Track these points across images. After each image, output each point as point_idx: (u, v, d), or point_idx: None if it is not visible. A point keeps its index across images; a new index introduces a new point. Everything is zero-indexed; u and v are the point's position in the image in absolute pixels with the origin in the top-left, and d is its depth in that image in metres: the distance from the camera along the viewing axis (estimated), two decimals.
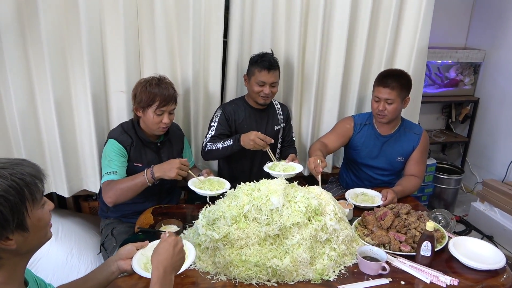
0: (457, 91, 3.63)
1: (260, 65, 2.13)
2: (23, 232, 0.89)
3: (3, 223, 0.84)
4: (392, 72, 2.16)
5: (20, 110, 2.01)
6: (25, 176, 0.89)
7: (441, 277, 1.45)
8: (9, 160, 0.91)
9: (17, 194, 0.86)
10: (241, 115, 2.25)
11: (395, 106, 2.09)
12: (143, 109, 1.89)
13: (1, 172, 0.86)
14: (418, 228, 1.63)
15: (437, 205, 3.43)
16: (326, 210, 1.54)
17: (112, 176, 1.85)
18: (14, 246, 0.88)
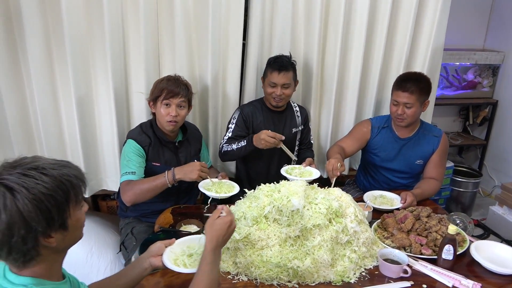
0: (475, 93, 3.59)
1: (272, 66, 2.15)
2: (63, 231, 0.93)
3: (49, 221, 0.89)
4: (411, 75, 2.13)
5: (43, 108, 2.06)
6: (71, 178, 0.93)
7: (463, 280, 1.44)
8: (57, 161, 0.95)
9: (63, 195, 0.90)
10: (259, 117, 2.26)
11: (414, 110, 2.07)
12: (154, 102, 1.94)
13: (50, 172, 0.90)
14: (439, 231, 1.61)
15: (454, 208, 3.39)
16: (347, 212, 1.54)
17: (130, 176, 1.87)
18: (54, 244, 0.92)
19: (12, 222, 0.85)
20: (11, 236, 0.85)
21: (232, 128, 2.23)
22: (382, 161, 2.25)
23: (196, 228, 1.72)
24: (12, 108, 2.02)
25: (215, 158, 2.54)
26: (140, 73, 2.16)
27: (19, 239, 0.86)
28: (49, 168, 0.91)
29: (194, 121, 2.36)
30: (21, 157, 0.94)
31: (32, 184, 0.87)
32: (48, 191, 0.88)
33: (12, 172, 0.88)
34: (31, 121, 2.09)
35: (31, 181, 0.87)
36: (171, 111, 1.92)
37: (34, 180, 0.87)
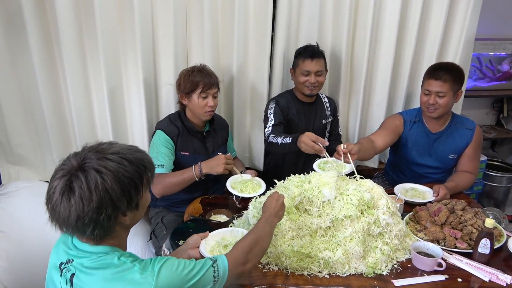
0: (510, 84, 3.44)
1: (303, 55, 2.15)
2: (136, 210, 1.04)
3: (129, 201, 0.99)
4: (444, 65, 2.07)
5: (76, 100, 2.11)
6: (145, 162, 1.03)
7: (500, 275, 1.39)
8: (130, 147, 1.04)
9: (140, 178, 1.01)
10: (292, 108, 2.25)
11: (447, 100, 2.01)
12: (188, 95, 1.96)
13: (128, 157, 0.99)
14: (474, 225, 1.57)
15: (486, 203, 3.28)
16: (379, 204, 1.52)
17: (159, 170, 1.92)
18: (128, 222, 1.04)
19: (102, 201, 0.94)
20: (100, 214, 0.95)
21: (271, 115, 2.19)
22: (414, 157, 2.19)
23: (225, 217, 1.74)
24: (48, 101, 2.09)
25: (242, 149, 2.55)
26: (169, 65, 2.18)
27: (105, 217, 0.96)
28: (127, 153, 1.00)
29: (219, 111, 2.38)
30: (99, 143, 1.03)
31: (116, 167, 0.96)
32: (129, 173, 0.98)
33: (96, 156, 0.97)
34: (65, 110, 2.16)
35: (114, 165, 0.96)
36: (209, 102, 1.96)
37: (117, 164, 0.97)
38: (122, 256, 1.01)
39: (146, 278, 0.96)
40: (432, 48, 2.50)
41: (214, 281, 1.08)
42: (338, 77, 2.48)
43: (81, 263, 1.00)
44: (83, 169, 0.95)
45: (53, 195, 0.96)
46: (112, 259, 1.00)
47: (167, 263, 1.02)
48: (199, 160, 2.04)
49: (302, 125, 2.28)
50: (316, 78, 2.15)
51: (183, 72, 2.00)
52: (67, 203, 0.94)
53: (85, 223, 0.95)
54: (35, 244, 1.95)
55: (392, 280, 1.37)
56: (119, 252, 1.03)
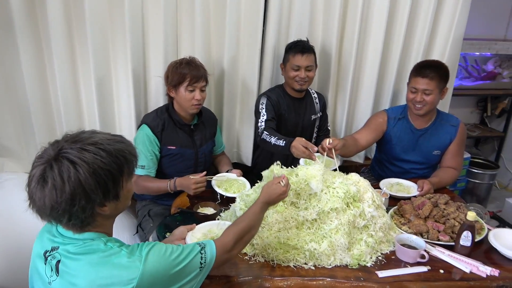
0: (495, 84, 3.52)
1: (294, 50, 2.16)
2: (116, 201, 1.02)
3: (105, 193, 0.98)
4: (430, 62, 2.11)
5: (63, 88, 2.08)
6: (126, 153, 1.01)
7: (481, 267, 1.43)
8: (112, 137, 1.02)
9: (118, 169, 0.99)
10: (283, 104, 2.26)
11: (433, 97, 2.04)
12: (175, 87, 1.95)
13: (107, 147, 0.97)
14: (457, 218, 1.61)
15: (469, 200, 3.36)
16: (364, 197, 1.55)
17: (139, 171, 1.93)
18: (107, 212, 1.02)
19: (74, 192, 0.93)
20: (73, 205, 0.94)
21: (263, 111, 2.19)
22: (399, 153, 2.22)
23: (213, 210, 1.74)
24: (33, 87, 2.04)
25: (231, 144, 2.55)
26: (158, 57, 2.17)
27: (79, 208, 0.95)
28: (106, 144, 0.98)
29: (209, 105, 2.37)
30: (80, 131, 1.02)
31: (92, 159, 0.94)
32: (106, 165, 0.96)
33: (73, 147, 0.95)
34: (51, 100, 2.12)
35: (90, 156, 0.95)
36: (196, 95, 1.94)
37: (93, 155, 0.95)
38: (108, 242, 1.02)
39: (133, 262, 0.97)
40: (419, 46, 2.54)
41: (201, 267, 1.09)
42: (327, 73, 2.50)
43: (66, 249, 1.00)
44: (58, 159, 0.94)
45: (31, 182, 0.96)
46: (98, 244, 1.00)
47: (155, 248, 1.02)
48: (187, 154, 2.05)
49: (292, 120, 2.30)
50: (306, 73, 2.16)
51: (172, 64, 1.98)
52: (41, 193, 0.94)
53: (60, 213, 0.95)
54: (21, 236, 1.92)
55: (376, 271, 1.40)
56: (105, 238, 1.03)
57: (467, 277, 1.40)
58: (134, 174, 1.09)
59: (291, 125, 2.31)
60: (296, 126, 2.33)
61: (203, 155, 2.11)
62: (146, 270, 0.97)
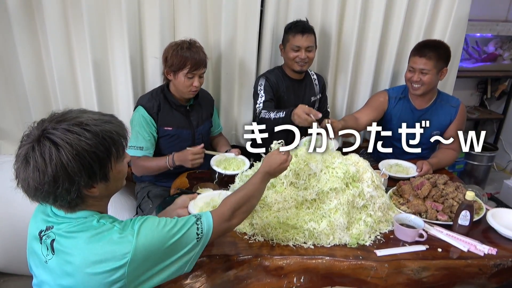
0: (495, 66, 3.49)
1: (294, 30, 2.13)
2: (105, 182, 1.00)
3: (91, 175, 0.95)
4: (430, 42, 2.09)
5: (59, 71, 2.06)
6: (113, 134, 0.98)
7: (479, 246, 1.44)
8: (100, 117, 0.99)
9: (105, 151, 0.96)
10: (282, 85, 2.24)
11: (430, 77, 2.03)
12: (174, 72, 1.91)
13: (93, 128, 0.94)
14: (456, 198, 1.61)
15: (467, 182, 3.37)
16: (364, 177, 1.55)
17: (138, 152, 1.93)
18: (96, 193, 1.00)
19: (57, 175, 0.91)
20: (56, 187, 0.92)
21: (262, 92, 2.16)
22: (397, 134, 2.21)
23: (212, 191, 1.74)
24: (29, 70, 2.03)
25: (230, 127, 2.54)
26: (155, 38, 2.14)
27: (63, 190, 0.93)
28: (92, 124, 0.95)
29: (206, 87, 2.35)
30: (67, 111, 0.99)
31: (76, 140, 0.91)
32: (91, 147, 0.93)
33: (57, 127, 0.93)
34: (47, 82, 2.11)
35: (74, 137, 0.92)
36: (195, 82, 1.91)
37: (77, 137, 0.92)
38: (101, 219, 1.01)
39: (126, 237, 0.96)
40: (420, 26, 2.50)
41: (198, 238, 1.07)
42: (327, 54, 2.47)
43: (60, 228, 1.00)
44: (41, 140, 0.91)
45: (16, 162, 0.95)
46: (91, 221, 1.00)
47: (147, 221, 1.02)
48: (183, 134, 2.04)
49: (291, 102, 2.28)
50: (306, 53, 2.14)
51: (172, 46, 1.90)
52: (24, 173, 0.92)
53: (44, 194, 0.93)
54: (19, 219, 1.93)
55: (374, 250, 1.41)
56: (98, 215, 1.02)
57: (464, 256, 1.41)
58: (126, 153, 1.07)
59: (291, 107, 2.28)
60: None
61: (200, 136, 2.10)
62: (139, 244, 0.96)
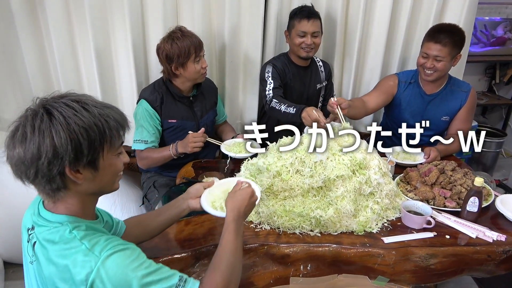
0: (504, 50, 3.43)
1: (299, 15, 2.09)
2: (93, 171, 0.94)
3: (78, 155, 0.89)
4: (446, 27, 2.02)
5: (62, 60, 2.05)
6: (110, 119, 0.93)
7: (487, 232, 1.43)
8: (102, 102, 0.96)
9: (98, 133, 0.91)
10: (288, 72, 2.22)
11: (444, 64, 1.98)
12: (183, 65, 1.88)
13: (91, 109, 0.91)
14: (464, 184, 1.59)
15: (475, 168, 3.34)
16: (371, 164, 1.53)
17: (142, 146, 1.94)
18: (80, 181, 0.93)
19: (41, 143, 0.87)
20: (39, 157, 0.87)
21: (270, 79, 2.13)
22: (407, 118, 2.18)
23: (217, 180, 1.73)
24: (32, 60, 2.02)
25: (235, 116, 2.52)
26: (158, 26, 2.12)
27: (45, 162, 0.87)
28: (92, 105, 0.92)
29: (211, 75, 2.33)
30: (72, 92, 0.96)
31: (70, 114, 0.88)
32: (84, 124, 0.89)
33: (57, 101, 0.91)
34: (51, 72, 2.10)
35: (70, 111, 0.89)
36: (203, 64, 1.92)
37: (73, 111, 0.89)
38: (75, 229, 0.92)
39: (88, 263, 0.87)
40: (428, 10, 2.44)
41: None
42: (333, 40, 2.43)
43: (40, 232, 0.95)
44: (37, 111, 0.89)
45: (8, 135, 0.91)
46: (64, 231, 0.92)
47: (121, 253, 0.89)
48: (188, 126, 2.03)
49: (297, 89, 2.26)
50: (312, 39, 2.10)
51: (166, 41, 1.85)
52: (11, 140, 0.89)
53: (26, 164, 0.88)
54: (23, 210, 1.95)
55: (382, 237, 1.40)
56: (73, 224, 0.93)
57: (473, 242, 1.40)
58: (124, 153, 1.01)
59: (296, 94, 2.27)
60: (301, 95, 2.29)
61: (204, 126, 2.08)
62: (100, 275, 0.86)
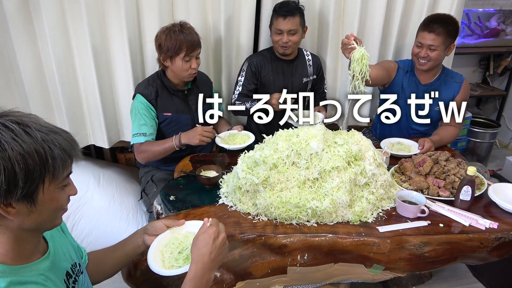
0: (498, 41, 3.45)
1: (277, 12, 2.10)
2: (29, 205, 0.79)
3: (11, 185, 0.75)
4: (440, 17, 2.06)
5: (57, 59, 2.03)
6: (55, 147, 0.79)
7: (480, 220, 1.46)
8: (49, 125, 0.82)
9: (39, 162, 0.77)
10: (267, 67, 2.22)
11: (438, 53, 2.02)
12: (171, 58, 1.90)
13: (34, 133, 0.77)
14: (457, 174, 1.62)
15: (470, 159, 3.37)
16: (366, 156, 1.55)
17: (141, 139, 1.93)
18: (12, 216, 0.79)
19: None
20: None
21: (241, 81, 2.20)
22: (401, 107, 2.21)
23: (215, 173, 1.76)
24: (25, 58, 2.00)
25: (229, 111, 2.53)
26: (153, 21, 2.11)
27: None
28: (35, 128, 0.78)
29: (207, 71, 2.34)
30: (16, 110, 0.82)
31: (8, 138, 0.75)
32: (23, 151, 0.75)
33: None
34: (44, 71, 2.08)
35: (8, 134, 0.75)
36: (193, 64, 1.91)
37: (12, 135, 0.75)
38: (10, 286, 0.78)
39: None
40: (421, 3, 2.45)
41: None
42: (326, 34, 2.43)
43: None
44: None
45: None
46: None
47: None
48: (183, 119, 2.04)
49: (279, 83, 2.26)
50: (288, 37, 2.10)
51: (163, 31, 1.88)
52: None
53: None
54: None
55: (377, 227, 1.43)
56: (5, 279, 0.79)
57: (466, 230, 1.43)
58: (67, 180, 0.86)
59: (279, 88, 2.26)
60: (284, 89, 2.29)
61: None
62: None
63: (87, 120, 2.26)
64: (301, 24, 2.14)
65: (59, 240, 1.00)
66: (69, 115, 2.17)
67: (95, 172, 2.34)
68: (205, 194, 1.67)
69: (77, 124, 2.23)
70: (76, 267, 1.01)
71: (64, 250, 1.00)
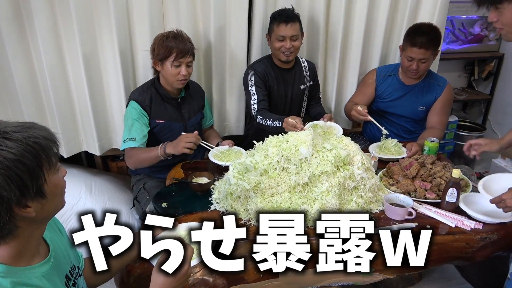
0: (481, 47, 3.54)
1: (278, 19, 2.13)
2: (41, 199, 0.85)
3: (22, 189, 0.79)
4: (423, 28, 2.13)
5: (50, 67, 2.04)
6: (39, 139, 0.83)
7: (466, 221, 1.50)
8: (20, 124, 0.85)
9: (34, 158, 0.81)
10: (270, 76, 2.26)
11: (428, 63, 2.16)
12: (161, 62, 1.93)
13: (14, 136, 0.80)
14: (443, 176, 1.66)
15: (457, 162, 3.43)
16: (354, 160, 1.59)
17: (131, 143, 1.95)
18: (33, 214, 0.84)
19: None
20: None
21: (252, 89, 2.20)
22: (386, 106, 2.33)
23: (207, 180, 1.78)
24: (18, 67, 2.01)
25: (222, 118, 2.56)
26: (144, 29, 2.13)
27: None
28: (12, 131, 0.81)
29: (199, 79, 2.37)
30: None
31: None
32: (15, 156, 0.78)
33: None
34: (38, 80, 2.09)
35: None
36: (182, 70, 1.93)
37: None
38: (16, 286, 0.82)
39: None
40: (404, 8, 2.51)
41: None
42: (316, 41, 2.48)
43: None
44: None
45: None
46: None
47: None
48: (175, 127, 2.07)
49: (281, 91, 2.30)
50: (291, 43, 2.14)
51: (158, 37, 1.95)
52: None
53: None
54: None
55: None
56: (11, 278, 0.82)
57: (452, 231, 1.47)
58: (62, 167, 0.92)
59: (280, 96, 2.32)
60: (285, 97, 2.34)
61: (192, 127, 2.13)
62: None
63: (80, 128, 2.28)
64: (301, 30, 2.19)
65: (59, 242, 1.03)
66: (62, 123, 2.18)
67: (87, 181, 2.34)
68: (197, 200, 1.69)
69: (70, 131, 2.25)
70: (75, 270, 1.03)
71: (64, 253, 1.03)
